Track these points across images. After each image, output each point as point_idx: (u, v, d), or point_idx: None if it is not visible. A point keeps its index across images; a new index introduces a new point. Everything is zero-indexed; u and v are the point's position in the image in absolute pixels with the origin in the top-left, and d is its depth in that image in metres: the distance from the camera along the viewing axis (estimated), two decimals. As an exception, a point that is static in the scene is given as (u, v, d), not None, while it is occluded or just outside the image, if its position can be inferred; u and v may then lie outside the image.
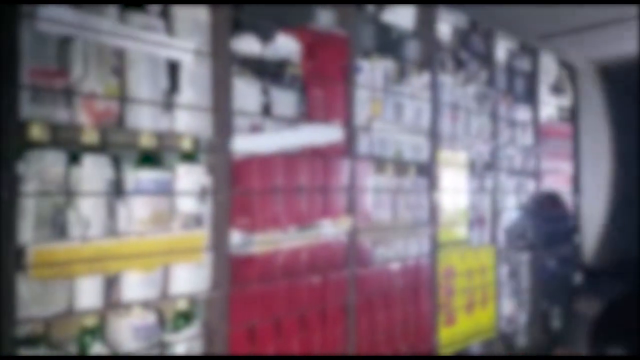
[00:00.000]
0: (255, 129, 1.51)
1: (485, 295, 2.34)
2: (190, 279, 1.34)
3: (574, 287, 3.05)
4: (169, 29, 1.32)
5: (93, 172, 1.17)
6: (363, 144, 1.81)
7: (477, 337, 2.29)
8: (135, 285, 1.25)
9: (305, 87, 1.63)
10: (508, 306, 2.54)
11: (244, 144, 1.44)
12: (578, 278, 3.07)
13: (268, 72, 1.51)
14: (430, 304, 2.05)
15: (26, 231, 1.07)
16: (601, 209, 3.28)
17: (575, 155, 3.06)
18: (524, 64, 2.64)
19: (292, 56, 1.59)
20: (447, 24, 2.23)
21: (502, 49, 2.55)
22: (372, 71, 1.85)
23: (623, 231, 3.40)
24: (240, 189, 1.44)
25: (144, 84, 1.26)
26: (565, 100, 3.00)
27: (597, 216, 3.23)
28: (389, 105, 1.91)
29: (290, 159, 1.58)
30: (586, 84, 3.10)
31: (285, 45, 1.57)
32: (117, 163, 1.25)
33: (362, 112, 1.80)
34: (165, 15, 1.32)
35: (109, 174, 1.21)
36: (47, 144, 1.11)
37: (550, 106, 2.87)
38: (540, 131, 2.73)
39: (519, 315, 2.60)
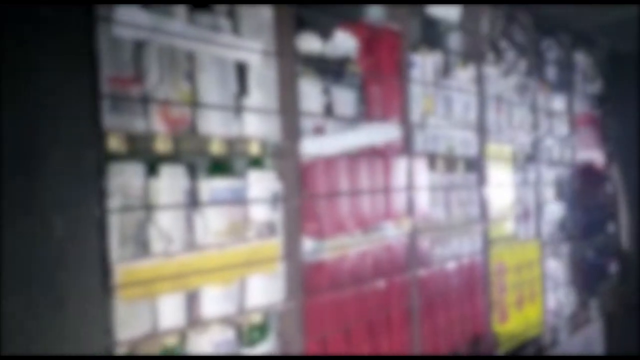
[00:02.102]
0: (318, 130, 1.45)
1: (532, 290, 2.29)
2: (266, 290, 1.28)
3: (611, 277, 3.02)
4: (235, 30, 1.26)
5: (170, 183, 1.11)
6: (418, 141, 1.75)
7: (528, 333, 2.24)
8: (215, 300, 1.19)
9: (364, 84, 1.57)
10: (553, 300, 2.50)
11: (310, 147, 1.38)
12: (614, 268, 3.03)
13: (329, 70, 1.45)
14: (485, 302, 2.00)
15: (112, 249, 1.00)
16: (633, 197, 3.24)
17: (607, 143, 3.01)
18: (558, 54, 2.58)
19: (350, 53, 1.53)
20: (487, 15, 2.17)
21: (539, 39, 2.50)
22: (424, 66, 1.79)
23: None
24: (308, 194, 1.38)
25: (214, 87, 1.19)
26: (597, 88, 2.96)
27: (630, 203, 3.19)
28: (439, 100, 1.86)
29: (352, 161, 1.52)
30: (615, 72, 3.05)
31: (344, 42, 1.51)
32: (191, 172, 1.19)
33: (416, 108, 1.74)
34: (231, 15, 1.26)
35: (185, 184, 1.14)
36: (125, 156, 1.05)
37: (583, 94, 2.82)
38: (575, 120, 2.68)
39: (562, 309, 2.56)
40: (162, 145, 1.11)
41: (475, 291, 1.96)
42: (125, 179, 1.03)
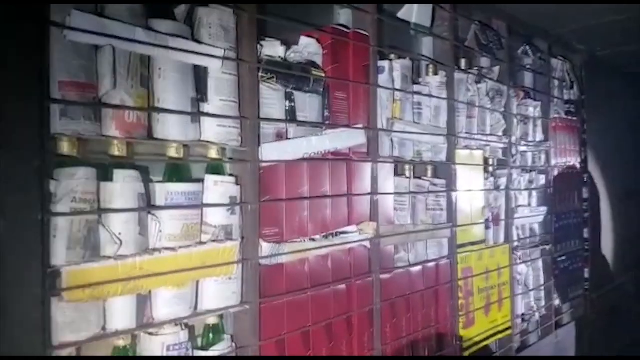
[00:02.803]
0: (280, 135, 1.46)
1: (501, 295, 2.32)
2: (221, 293, 1.30)
3: (583, 282, 3.06)
4: (195, 35, 1.27)
5: (124, 187, 1.12)
6: (384, 147, 1.77)
7: (494, 337, 2.28)
8: (168, 302, 1.21)
9: (328, 90, 1.59)
10: (523, 305, 2.53)
11: (270, 152, 1.40)
12: (587, 272, 3.07)
13: (292, 76, 1.46)
14: (450, 306, 2.03)
15: (59, 252, 1.02)
16: (607, 203, 3.28)
17: (582, 150, 3.05)
18: (534, 59, 2.61)
19: (315, 58, 1.55)
20: (461, 19, 2.19)
21: (514, 45, 2.52)
22: (392, 71, 1.81)
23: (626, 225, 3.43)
24: (267, 198, 1.40)
25: (171, 92, 1.20)
26: (573, 94, 2.98)
27: (604, 210, 3.24)
28: (408, 106, 1.88)
29: (314, 165, 1.54)
30: (591, 78, 3.08)
31: (308, 48, 1.53)
32: (146, 176, 1.20)
33: (383, 113, 1.76)
34: (191, 20, 1.27)
35: (140, 188, 1.16)
36: (78, 160, 1.06)
37: (558, 101, 2.85)
38: (550, 127, 2.71)
39: (533, 314, 2.59)
40: (116, 149, 1.13)
41: (440, 296, 1.99)
42: (76, 182, 1.04)
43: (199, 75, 1.27)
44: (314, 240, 1.52)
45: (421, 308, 1.91)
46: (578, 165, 3.02)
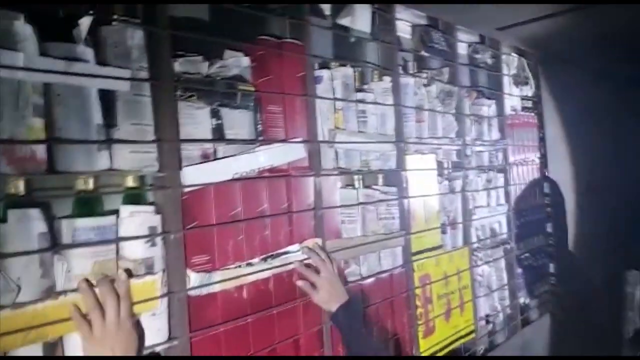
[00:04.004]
0: (207, 156, 1.38)
1: (462, 299, 2.27)
2: (145, 330, 1.21)
3: (548, 278, 3.03)
4: (101, 56, 1.17)
5: (20, 227, 1.03)
6: (327, 159, 1.70)
7: (457, 343, 2.22)
8: (80, 346, 1.11)
9: (260, 104, 1.50)
10: (486, 306, 2.49)
11: (194, 175, 1.31)
12: (552, 268, 3.04)
13: (215, 92, 1.38)
14: (409, 317, 1.97)
15: (-57, 308, 0.92)
16: (569, 197, 3.26)
17: (541, 145, 3.01)
18: (485, 57, 2.56)
19: (243, 72, 1.46)
20: (404, 22, 2.13)
21: (463, 43, 2.47)
22: (332, 80, 1.73)
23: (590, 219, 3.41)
24: (193, 225, 1.31)
25: (74, 120, 1.11)
26: (528, 91, 2.95)
27: (568, 204, 3.22)
28: (351, 115, 1.80)
29: (248, 185, 1.45)
30: (546, 73, 3.05)
31: (235, 62, 1.44)
32: (50, 213, 1.11)
33: (324, 125, 1.69)
34: (94, 41, 1.17)
35: (41, 227, 1.06)
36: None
37: (513, 98, 2.81)
38: (505, 124, 2.67)
39: (497, 314, 2.55)
40: (11, 187, 1.03)
41: (396, 307, 1.92)
42: (-40, 228, 0.95)
43: (106, 100, 1.17)
44: (250, 264, 1.44)
45: (376, 321, 1.84)
46: (537, 161, 2.98)
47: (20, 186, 1.04)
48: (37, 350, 1.05)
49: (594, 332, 3.08)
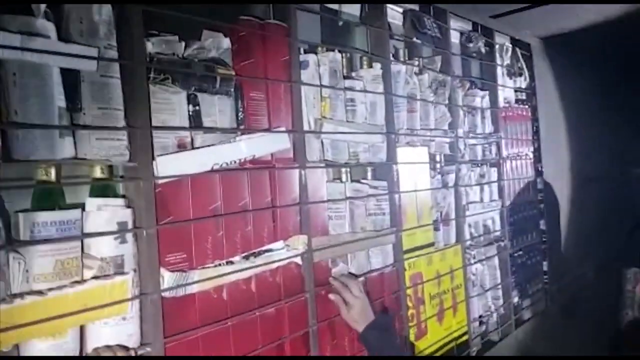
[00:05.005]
0: (183, 145, 1.27)
1: (455, 299, 2.18)
2: (113, 337, 1.09)
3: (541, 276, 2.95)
4: (64, 32, 1.06)
5: (-31, 222, 0.91)
6: (313, 150, 1.59)
7: (450, 345, 2.13)
8: (44, 354, 1.00)
9: (241, 90, 1.40)
10: (480, 306, 2.40)
11: (169, 165, 1.20)
12: (545, 266, 2.96)
13: (193, 76, 1.27)
14: (399, 318, 1.87)
15: None
16: (563, 192, 3.19)
17: (535, 139, 2.93)
18: (478, 47, 2.46)
19: (223, 55, 1.35)
20: (396, 7, 2.03)
21: (455, 31, 2.38)
22: (318, 66, 1.63)
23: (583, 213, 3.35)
24: (167, 220, 1.20)
25: (32, 103, 0.99)
26: (522, 82, 2.87)
27: (560, 200, 3.14)
28: (339, 103, 1.70)
29: (229, 177, 1.34)
30: (540, 63, 2.97)
31: (214, 43, 1.33)
32: (4, 206, 0.99)
33: (310, 113, 1.58)
34: (58, 16, 1.06)
35: (-7, 221, 0.95)
36: None
37: (506, 89, 2.72)
38: (499, 117, 2.58)
39: (490, 314, 2.46)
40: (-42, 176, 0.92)
41: (386, 307, 1.82)
42: None
43: (70, 81, 1.06)
44: (231, 262, 1.33)
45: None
46: (531, 155, 2.90)
47: (-31, 176, 0.92)
48: (-12, 360, 0.94)
49: (590, 330, 3.01)
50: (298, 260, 1.51)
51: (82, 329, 1.08)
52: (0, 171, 0.99)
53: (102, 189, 1.13)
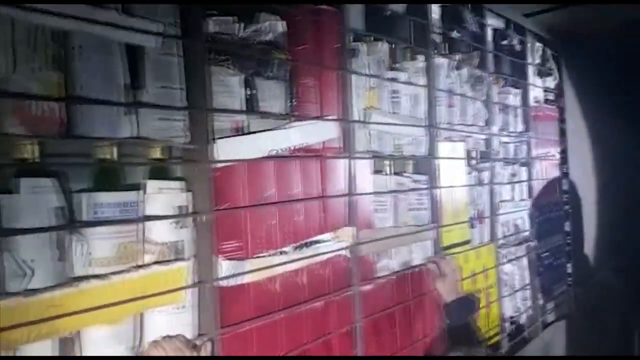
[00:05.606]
0: (238, 129, 1.22)
1: (488, 298, 2.14)
2: (171, 326, 1.05)
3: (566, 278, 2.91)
4: (127, 6, 1.01)
5: (33, 199, 0.86)
6: (361, 140, 1.55)
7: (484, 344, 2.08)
8: (101, 343, 0.95)
9: (294, 75, 1.35)
10: (510, 307, 2.35)
11: (227, 149, 1.15)
12: (570, 268, 2.92)
13: (251, 58, 1.22)
14: (435, 316, 1.82)
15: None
16: (587, 193, 3.15)
17: (562, 140, 2.89)
18: (511, 44, 2.43)
19: (278, 38, 1.31)
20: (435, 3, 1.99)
21: (489, 28, 2.34)
22: (366, 55, 1.59)
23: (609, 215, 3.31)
24: (224, 206, 1.15)
25: (96, 77, 0.95)
26: (551, 82, 2.83)
27: (586, 201, 3.10)
28: (385, 95, 1.66)
29: (281, 164, 1.30)
30: (568, 64, 2.94)
31: (270, 26, 1.28)
32: (66, 184, 0.94)
33: (358, 103, 1.54)
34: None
35: (56, 200, 0.90)
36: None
37: (536, 89, 2.68)
38: (529, 116, 2.54)
39: (520, 315, 2.42)
40: (23, 152, 0.87)
41: (426, 305, 1.78)
42: (-38, 198, 0.78)
43: (133, 56, 1.01)
44: (284, 253, 1.28)
45: (407, 321, 1.69)
46: (558, 156, 2.86)
47: (33, 151, 0.87)
48: (49, 347, 0.88)
49: (614, 333, 2.97)
50: (346, 253, 1.46)
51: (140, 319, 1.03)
52: (62, 149, 0.95)
53: (160, 171, 1.08)
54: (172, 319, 1.05)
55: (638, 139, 3.50)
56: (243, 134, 1.21)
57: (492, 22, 2.34)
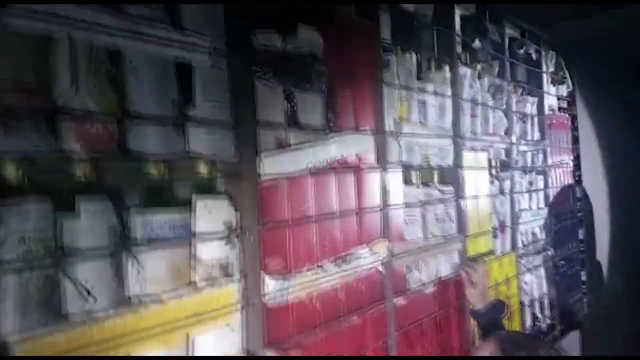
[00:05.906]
0: (280, 143, 1.21)
1: (510, 308, 2.12)
2: (219, 346, 1.03)
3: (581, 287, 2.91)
4: (176, 23, 1.00)
5: (90, 220, 0.84)
6: (393, 152, 1.54)
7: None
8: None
9: (331, 88, 1.34)
10: (530, 316, 2.34)
11: (271, 164, 1.14)
12: (584, 276, 2.92)
13: (291, 71, 1.21)
14: (464, 326, 1.81)
15: (7, 318, 0.73)
16: (599, 201, 3.16)
17: (575, 148, 2.90)
18: (528, 53, 2.43)
19: (315, 51, 1.29)
20: (459, 10, 1.98)
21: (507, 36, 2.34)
22: (397, 66, 1.58)
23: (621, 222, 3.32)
24: (269, 222, 1.14)
25: (149, 95, 0.93)
26: (563, 90, 2.83)
27: (599, 209, 3.11)
28: (414, 105, 1.65)
29: (319, 177, 1.28)
30: (579, 72, 2.95)
31: (308, 39, 1.27)
32: (118, 203, 0.92)
33: (390, 114, 1.53)
34: (170, 6, 1.00)
35: (111, 219, 0.88)
36: (26, 188, 0.78)
37: (550, 97, 2.68)
38: (545, 124, 2.54)
39: (539, 324, 2.41)
40: (80, 171, 0.85)
41: (453, 316, 1.77)
42: (25, 220, 0.76)
43: (182, 72, 1.00)
44: (322, 267, 1.27)
45: (436, 333, 1.68)
46: (571, 164, 2.87)
47: (89, 170, 0.86)
48: (106, 369, 0.86)
49: (625, 339, 2.97)
50: (379, 266, 1.45)
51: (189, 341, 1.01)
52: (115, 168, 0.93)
53: (206, 187, 1.06)
54: (220, 339, 1.03)
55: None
56: (284, 148, 1.19)
57: (509, 31, 2.34)
